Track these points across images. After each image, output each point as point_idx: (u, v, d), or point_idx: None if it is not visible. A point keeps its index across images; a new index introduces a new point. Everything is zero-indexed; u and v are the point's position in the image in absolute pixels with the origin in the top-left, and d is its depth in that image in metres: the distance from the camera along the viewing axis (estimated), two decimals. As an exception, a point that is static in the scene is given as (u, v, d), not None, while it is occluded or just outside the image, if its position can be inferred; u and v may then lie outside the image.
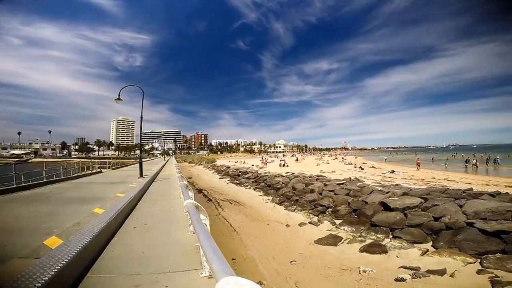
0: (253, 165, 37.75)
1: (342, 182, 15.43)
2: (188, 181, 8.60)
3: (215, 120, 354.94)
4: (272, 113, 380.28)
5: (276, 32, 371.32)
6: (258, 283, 5.27)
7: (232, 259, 6.43)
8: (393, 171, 25.94)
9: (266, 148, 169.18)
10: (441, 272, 5.25)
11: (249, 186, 19.27)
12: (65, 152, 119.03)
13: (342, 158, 58.47)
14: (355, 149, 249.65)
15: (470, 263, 5.64)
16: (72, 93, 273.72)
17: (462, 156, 49.59)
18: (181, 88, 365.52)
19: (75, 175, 14.97)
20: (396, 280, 5.09)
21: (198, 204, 3.73)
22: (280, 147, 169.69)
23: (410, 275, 5.19)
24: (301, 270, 5.90)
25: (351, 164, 39.40)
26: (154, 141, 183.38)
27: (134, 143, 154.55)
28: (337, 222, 9.04)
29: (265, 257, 6.62)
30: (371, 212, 8.75)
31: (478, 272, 5.21)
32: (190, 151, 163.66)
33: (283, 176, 20.23)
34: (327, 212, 10.12)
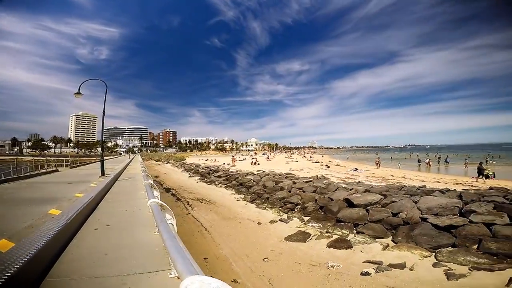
0: (224, 164, 37.45)
1: (310, 179, 15.93)
2: (154, 180, 8.24)
3: (184, 117, 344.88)
4: (244, 111, 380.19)
5: (253, 31, 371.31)
6: (233, 281, 5.28)
7: (204, 258, 6.35)
8: (356, 169, 27.36)
9: (238, 146, 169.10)
10: (402, 266, 5.60)
11: (220, 184, 19.07)
12: (16, 149, 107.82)
13: (310, 157, 60.43)
14: (322, 148, 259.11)
15: (426, 256, 6.06)
16: (26, 86, 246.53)
17: (417, 155, 53.89)
18: (149, 83, 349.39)
19: (27, 174, 13.56)
20: (362, 274, 5.37)
21: (163, 203, 3.58)
22: (252, 145, 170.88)
23: (374, 269, 5.50)
24: (274, 267, 6.00)
25: (318, 162, 40.91)
26: (118, 138, 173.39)
27: (95, 140, 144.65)
28: (306, 218, 9.32)
29: (238, 256, 6.63)
30: (336, 209, 9.14)
31: (434, 265, 5.62)
32: (158, 149, 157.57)
33: (254, 174, 20.34)
34: (296, 209, 10.39)
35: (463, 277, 5.00)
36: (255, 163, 36.75)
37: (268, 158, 54.92)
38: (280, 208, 10.82)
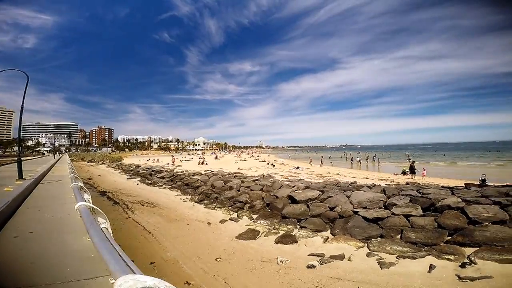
0: (168, 164, 35.64)
1: (257, 178, 16.33)
2: (86, 183, 7.41)
3: (123, 114, 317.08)
4: (192, 109, 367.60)
5: (208, 29, 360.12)
6: (186, 283, 5.09)
7: (151, 263, 6.06)
8: (298, 167, 29.10)
9: (184, 145, 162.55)
10: (341, 257, 6.06)
11: (164, 186, 18.11)
12: None
13: (258, 156, 62.13)
14: (269, 148, 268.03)
15: (361, 247, 6.63)
16: None
17: (350, 154, 60.17)
18: (83, 76, 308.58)
19: None
20: (308, 267, 5.71)
21: (94, 206, 3.30)
22: (199, 144, 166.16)
23: (318, 262, 5.87)
24: (227, 266, 6.01)
25: (265, 161, 42.18)
26: (41, 135, 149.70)
27: (11, 138, 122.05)
28: (254, 216, 9.56)
29: (188, 257, 6.46)
30: (281, 205, 9.57)
31: (367, 255, 6.17)
32: (90, 148, 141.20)
33: (202, 174, 19.88)
34: (245, 208, 10.58)
35: (393, 266, 5.58)
36: (202, 163, 35.95)
37: (216, 157, 54.35)
38: (230, 208, 10.86)
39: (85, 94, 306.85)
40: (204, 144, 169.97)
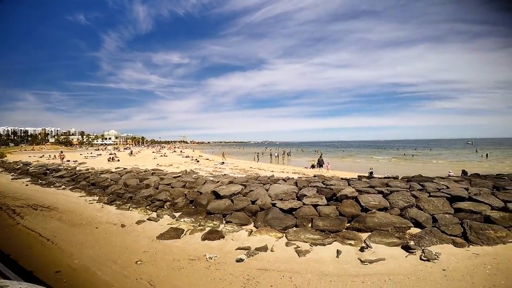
0: (69, 161, 30.47)
1: (179, 174, 15.74)
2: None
3: (10, 101, 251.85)
4: (103, 99, 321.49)
5: (136, 14, 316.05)
6: None
7: (56, 271, 5.27)
8: (223, 163, 29.44)
9: (90, 139, 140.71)
10: (265, 249, 6.41)
11: (63, 186, 15.46)
12: None
13: (181, 151, 59.66)
14: (194, 143, 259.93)
15: (280, 237, 7.11)
16: None
17: (270, 150, 64.60)
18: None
19: None
20: (237, 261, 5.84)
21: None
22: (110, 138, 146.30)
23: (246, 255, 6.06)
24: (151, 268, 5.67)
25: (189, 157, 40.90)
26: None
27: None
28: (177, 214, 9.21)
29: (102, 263, 5.83)
30: (205, 201, 9.55)
31: (286, 244, 6.65)
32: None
33: (112, 172, 17.81)
34: (165, 206, 10.06)
35: (308, 253, 6.16)
36: (113, 159, 32.15)
37: (131, 153, 49.37)
38: (148, 207, 10.14)
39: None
40: (116, 138, 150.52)
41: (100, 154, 45.46)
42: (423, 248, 5.92)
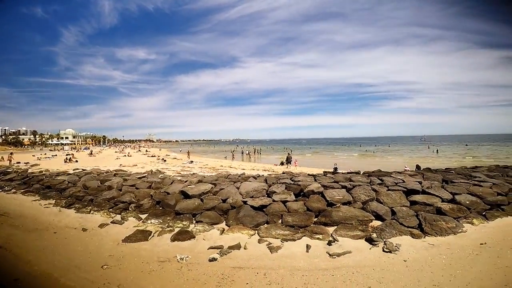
0: (19, 162, 27.59)
1: (144, 175, 15.10)
2: None
3: None
4: (59, 96, 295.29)
5: (100, 8, 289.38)
6: None
7: (15, 279, 4.88)
8: (192, 161, 28.81)
9: (44, 139, 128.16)
10: (238, 247, 6.39)
11: (13, 190, 13.95)
12: None
13: (146, 151, 57.30)
14: (161, 141, 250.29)
15: (252, 235, 7.14)
16: None
17: (242, 148, 64.76)
18: None
19: None
20: (210, 260, 5.76)
21: None
22: (67, 138, 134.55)
23: (219, 254, 6.00)
24: (119, 272, 5.39)
25: (155, 156, 39.40)
26: None
27: None
28: (143, 216, 8.85)
29: (65, 269, 5.45)
30: (173, 202, 9.28)
31: (259, 241, 6.70)
32: None
33: (70, 174, 16.53)
34: (130, 208, 9.59)
35: (280, 249, 6.26)
36: (70, 160, 29.78)
37: (91, 153, 46.14)
38: (111, 210, 9.58)
39: None
40: (74, 137, 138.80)
41: (56, 155, 41.78)
42: (384, 240, 6.33)
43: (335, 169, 17.87)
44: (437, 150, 50.43)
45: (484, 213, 7.77)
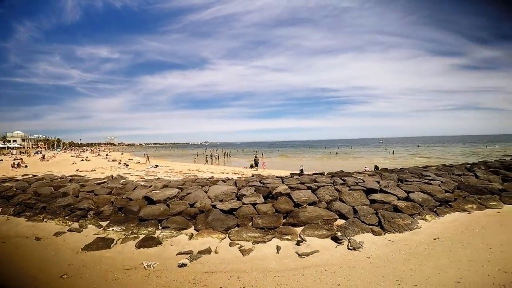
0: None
1: (103, 181, 14.15)
2: None
3: None
4: (7, 95, 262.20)
5: (62, 4, 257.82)
6: None
7: None
8: (157, 166, 27.74)
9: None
10: (208, 251, 6.27)
11: None
12: None
13: (106, 155, 53.97)
14: (123, 145, 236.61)
15: (223, 238, 7.05)
16: None
17: (211, 151, 63.71)
18: None
19: None
20: (179, 266, 5.57)
21: None
22: (15, 141, 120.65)
23: (188, 259, 5.82)
24: (80, 281, 5.04)
25: (116, 160, 37.27)
26: None
27: None
28: (104, 224, 8.31)
29: (20, 281, 5.05)
30: (137, 208, 8.84)
31: (230, 245, 6.64)
32: None
33: (18, 180, 14.90)
34: (89, 216, 8.93)
35: (252, 251, 6.26)
36: (18, 165, 26.91)
37: (43, 158, 42.13)
38: (67, 217, 8.85)
39: None
40: (23, 140, 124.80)
41: (1, 160, 37.40)
42: (349, 238, 6.62)
43: (301, 170, 18.43)
44: (393, 151, 54.58)
45: (435, 210, 8.49)
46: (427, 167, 15.85)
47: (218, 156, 46.31)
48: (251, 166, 25.80)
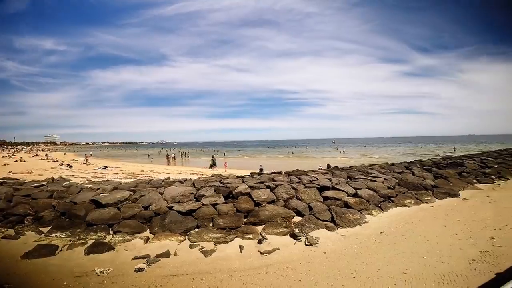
0: None
1: (42, 183, 12.62)
2: None
3: None
4: None
5: None
6: None
7: None
8: (106, 167, 25.73)
9: None
10: (167, 254, 6.01)
11: None
12: None
13: (46, 155, 48.19)
14: (66, 144, 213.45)
15: (182, 240, 6.83)
16: None
17: (167, 151, 60.92)
18: None
19: None
20: (136, 271, 5.27)
21: None
22: None
23: (145, 263, 5.54)
24: None
25: (58, 161, 33.52)
26: None
27: None
28: (45, 230, 7.48)
29: None
30: (83, 212, 8.11)
31: (190, 246, 6.47)
32: None
33: None
34: (26, 221, 7.91)
35: (214, 252, 6.18)
36: None
37: (-38, 158, 35.86)
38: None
39: None
40: None
41: None
42: (305, 234, 6.93)
43: (261, 170, 18.80)
44: (343, 151, 59.03)
45: (380, 205, 9.35)
46: (372, 165, 17.40)
47: (175, 156, 44.57)
48: (211, 166, 25.46)
